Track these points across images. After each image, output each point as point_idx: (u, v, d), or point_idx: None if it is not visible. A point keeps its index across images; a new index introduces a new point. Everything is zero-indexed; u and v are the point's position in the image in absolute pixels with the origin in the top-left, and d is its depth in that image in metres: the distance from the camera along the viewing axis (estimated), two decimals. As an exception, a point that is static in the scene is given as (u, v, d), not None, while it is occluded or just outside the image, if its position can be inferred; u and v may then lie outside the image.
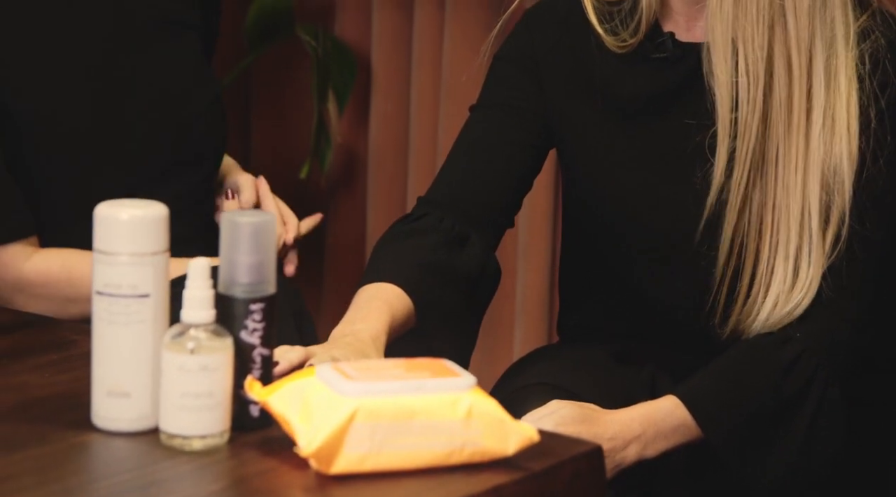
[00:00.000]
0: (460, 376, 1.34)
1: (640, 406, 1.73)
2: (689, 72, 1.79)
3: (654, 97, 1.81)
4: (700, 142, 1.77)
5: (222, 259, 1.38)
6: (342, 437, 1.28)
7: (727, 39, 1.72)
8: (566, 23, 1.85)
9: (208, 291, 1.33)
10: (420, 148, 2.87)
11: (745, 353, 1.76)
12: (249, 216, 1.38)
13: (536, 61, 1.85)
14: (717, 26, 1.72)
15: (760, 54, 1.71)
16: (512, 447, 1.33)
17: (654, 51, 1.80)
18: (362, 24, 2.94)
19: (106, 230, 1.36)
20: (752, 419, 1.73)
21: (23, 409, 1.41)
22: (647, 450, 1.71)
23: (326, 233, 2.99)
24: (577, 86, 1.84)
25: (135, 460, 1.32)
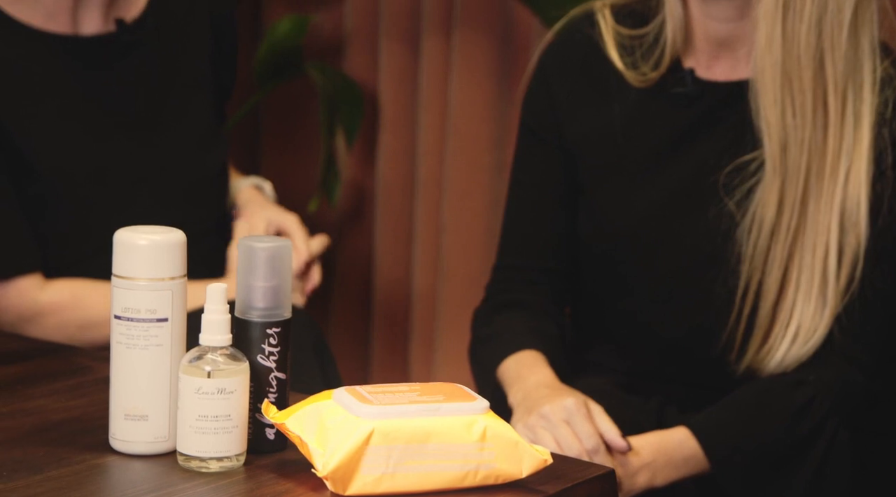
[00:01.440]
0: (475, 400, 1.36)
1: (652, 434, 1.74)
2: (707, 110, 1.80)
3: (671, 135, 1.82)
4: (714, 181, 1.78)
5: (239, 283, 1.40)
6: (358, 458, 1.30)
7: (777, 82, 1.73)
8: (584, 64, 1.86)
9: (225, 315, 1.35)
10: (427, 183, 2.89)
11: (759, 393, 1.77)
12: (266, 241, 1.40)
13: (555, 110, 1.88)
14: (766, 68, 1.73)
15: (808, 97, 1.73)
16: (526, 470, 1.34)
17: (674, 85, 1.82)
18: (370, 60, 2.97)
19: (125, 255, 1.38)
20: (761, 457, 1.74)
21: (40, 432, 1.42)
22: (657, 478, 1.72)
23: (334, 267, 3.00)
24: (596, 128, 1.85)
25: (153, 482, 1.33)
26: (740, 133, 1.79)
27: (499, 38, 2.80)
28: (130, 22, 2.04)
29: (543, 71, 1.89)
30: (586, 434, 1.65)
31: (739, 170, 1.78)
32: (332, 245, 3.03)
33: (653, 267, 1.82)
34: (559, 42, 1.90)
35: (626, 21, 1.85)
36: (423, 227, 2.89)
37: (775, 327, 1.76)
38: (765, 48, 1.73)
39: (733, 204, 1.78)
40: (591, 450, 1.65)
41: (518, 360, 1.83)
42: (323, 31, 3.00)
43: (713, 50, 1.82)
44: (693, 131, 1.81)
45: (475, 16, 2.81)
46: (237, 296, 1.40)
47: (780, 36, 1.72)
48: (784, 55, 1.72)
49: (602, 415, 1.69)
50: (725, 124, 1.80)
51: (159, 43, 2.06)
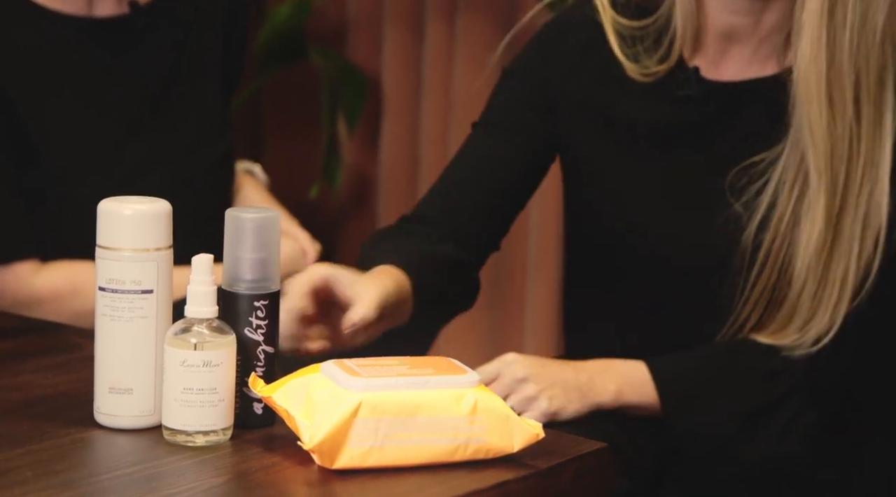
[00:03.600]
0: (466, 373, 1.33)
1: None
2: (713, 112, 1.75)
3: (676, 134, 1.77)
4: (720, 180, 1.74)
5: (226, 256, 1.37)
6: (346, 431, 1.27)
7: (822, 92, 1.67)
8: (585, 49, 1.80)
9: (211, 287, 1.33)
10: (430, 169, 2.87)
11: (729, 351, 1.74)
12: (253, 212, 1.38)
13: (550, 84, 1.81)
14: (811, 79, 1.67)
15: (850, 108, 1.68)
16: (517, 444, 1.31)
17: (679, 87, 1.76)
18: (373, 46, 2.95)
19: (109, 225, 1.36)
20: (715, 412, 1.72)
21: (24, 407, 1.40)
22: (625, 391, 1.70)
23: (336, 252, 2.98)
24: (592, 114, 1.80)
25: (136, 455, 1.30)
26: (749, 133, 1.74)
27: (503, 23, 2.78)
28: (144, 4, 2.03)
29: (543, 47, 1.84)
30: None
31: (747, 170, 1.73)
32: (334, 231, 3.01)
33: (654, 258, 1.79)
34: (561, 21, 1.85)
35: (624, 11, 1.79)
36: (427, 213, 2.86)
37: (781, 335, 1.73)
38: (809, 57, 1.67)
39: (740, 206, 1.73)
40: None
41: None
42: (326, 14, 2.98)
43: (721, 44, 1.76)
44: (699, 131, 1.76)
45: (479, 1, 2.79)
46: (224, 268, 1.37)
47: (825, 43, 1.67)
48: (828, 62, 1.67)
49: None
50: (733, 125, 1.75)
51: (172, 27, 2.04)
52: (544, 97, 1.81)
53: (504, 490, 1.27)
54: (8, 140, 1.95)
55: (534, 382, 1.69)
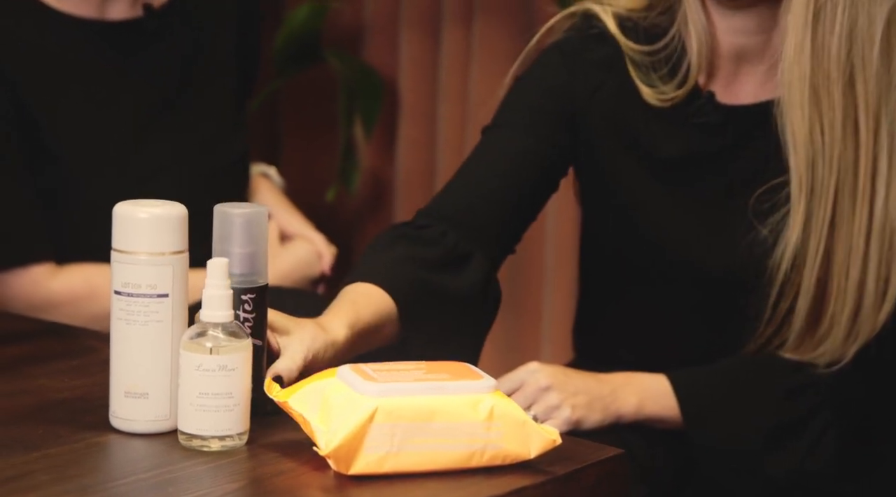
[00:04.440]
0: (482, 378, 1.32)
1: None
2: (732, 137, 1.73)
3: (694, 158, 1.75)
4: (742, 205, 1.72)
5: (215, 250, 1.38)
6: (361, 437, 1.27)
7: (805, 95, 1.65)
8: (609, 66, 1.77)
9: (227, 291, 1.32)
10: (447, 173, 2.86)
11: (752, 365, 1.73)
12: (242, 207, 1.39)
13: (574, 102, 1.77)
14: (794, 82, 1.66)
15: (838, 113, 1.66)
16: (534, 450, 1.31)
17: (696, 114, 1.74)
18: (390, 49, 2.94)
19: (124, 229, 1.35)
20: (737, 427, 1.70)
21: (40, 411, 1.40)
22: (646, 403, 1.69)
23: (352, 255, 2.98)
24: (614, 133, 1.77)
25: (152, 460, 1.30)
26: (768, 156, 1.71)
27: (520, 27, 2.77)
28: (158, 7, 2.02)
29: (566, 60, 1.78)
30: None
31: (770, 194, 1.71)
32: (350, 234, 3.00)
33: (673, 282, 1.77)
34: (582, 33, 1.79)
35: (634, 36, 1.76)
36: (443, 217, 2.86)
37: (805, 350, 1.71)
38: (793, 60, 1.65)
39: (767, 231, 1.71)
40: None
41: (353, 291, 1.60)
42: (342, 18, 2.98)
43: (732, 66, 1.74)
44: (718, 157, 1.74)
45: (496, 4, 2.78)
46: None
47: (810, 47, 1.65)
48: (813, 68, 1.65)
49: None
50: (753, 148, 1.73)
51: (185, 29, 2.04)
52: (567, 111, 1.77)
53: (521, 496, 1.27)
54: (23, 142, 1.95)
55: (557, 391, 1.68)
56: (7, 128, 1.94)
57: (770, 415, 1.70)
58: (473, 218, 1.73)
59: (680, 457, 1.73)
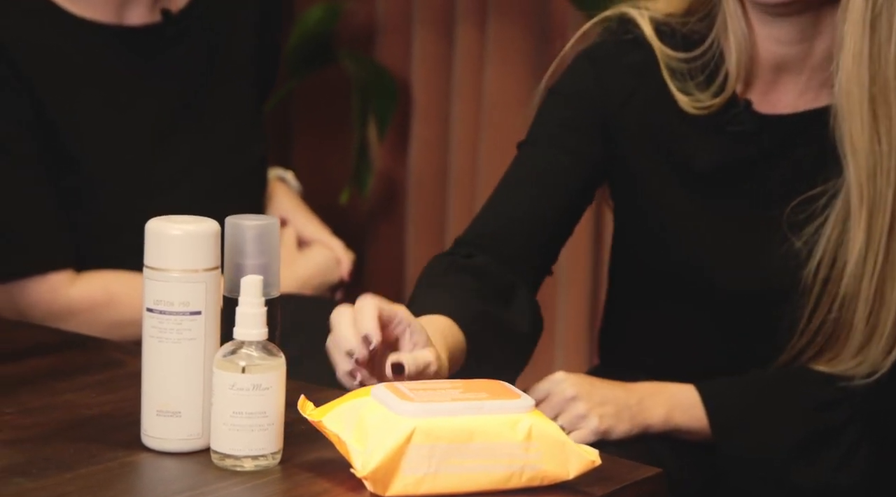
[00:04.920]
0: (520, 398, 1.31)
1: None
2: (767, 147, 1.71)
3: (729, 168, 1.72)
4: (777, 215, 1.70)
5: (227, 262, 1.37)
6: (399, 458, 1.25)
7: (865, 105, 1.63)
8: (642, 73, 1.74)
9: (261, 308, 1.31)
10: (460, 174, 2.85)
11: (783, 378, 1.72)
12: (253, 220, 1.38)
13: (605, 108, 1.75)
14: (853, 91, 1.63)
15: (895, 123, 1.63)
16: (573, 471, 1.29)
17: (732, 122, 1.72)
18: (403, 49, 2.93)
19: (157, 246, 1.34)
20: (765, 439, 1.69)
21: (72, 428, 1.38)
22: (674, 414, 1.68)
23: (366, 258, 2.96)
24: (649, 142, 1.74)
25: (186, 480, 1.28)
26: (805, 167, 1.69)
27: (534, 27, 2.75)
28: (176, 12, 2.01)
29: (596, 69, 1.76)
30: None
31: (806, 205, 1.69)
32: (362, 236, 2.99)
33: (708, 293, 1.74)
34: (612, 40, 1.76)
35: (671, 42, 1.74)
36: (456, 219, 2.84)
37: (835, 365, 1.70)
38: (852, 69, 1.63)
39: (799, 240, 1.68)
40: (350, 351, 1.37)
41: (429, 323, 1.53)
42: (355, 18, 2.96)
43: (772, 76, 1.72)
44: (754, 166, 1.72)
45: (510, 4, 2.77)
46: (225, 274, 1.37)
47: (868, 55, 1.62)
48: (872, 76, 1.63)
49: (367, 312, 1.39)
50: (788, 159, 1.71)
51: (204, 34, 2.02)
52: (599, 121, 1.75)
53: (560, 518, 1.25)
54: (43, 149, 1.93)
55: (584, 401, 1.67)
56: (27, 134, 1.93)
57: (799, 427, 1.69)
58: (511, 247, 1.71)
59: (707, 468, 1.72)
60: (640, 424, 1.69)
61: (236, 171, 2.06)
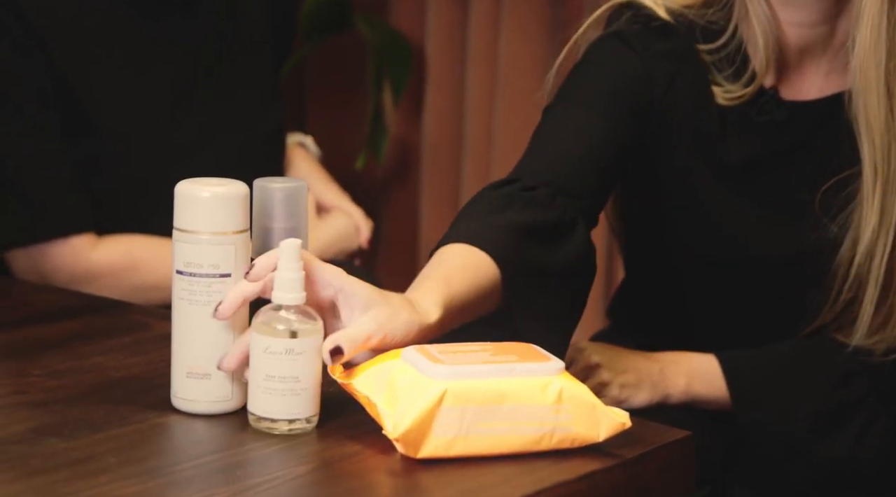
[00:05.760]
0: (550, 360, 1.31)
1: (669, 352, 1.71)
2: (797, 134, 1.70)
3: (761, 157, 1.71)
4: (808, 200, 1.69)
5: (255, 225, 1.37)
6: (430, 420, 1.25)
7: (882, 82, 1.61)
8: (682, 60, 1.71)
9: (299, 273, 1.30)
10: (474, 140, 2.84)
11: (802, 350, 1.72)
12: (281, 182, 1.37)
13: (652, 92, 1.70)
14: (871, 68, 1.61)
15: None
16: (603, 433, 1.29)
17: (759, 113, 1.70)
18: (418, 15, 2.92)
19: (186, 208, 1.33)
20: (786, 407, 1.69)
21: (100, 390, 1.38)
22: (694, 384, 1.68)
23: (380, 223, 2.96)
24: (687, 128, 1.72)
25: (217, 442, 1.29)
26: (835, 151, 1.68)
27: (550, -7, 2.75)
28: None
29: (637, 50, 1.71)
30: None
31: (837, 189, 1.68)
32: (378, 202, 2.99)
33: (735, 275, 1.74)
34: (642, 28, 1.72)
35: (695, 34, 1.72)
36: (470, 185, 2.84)
37: (858, 338, 1.69)
38: (869, 46, 1.61)
39: (837, 227, 1.67)
40: None
41: (448, 253, 1.47)
42: (371, -17, 2.95)
43: (796, 60, 1.70)
44: (785, 154, 1.71)
45: (525, -31, 2.76)
46: (253, 237, 1.37)
47: (886, 32, 1.61)
48: (889, 51, 1.61)
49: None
50: (818, 144, 1.70)
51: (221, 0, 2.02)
52: (643, 101, 1.70)
53: (591, 481, 1.25)
54: (61, 114, 1.93)
55: (606, 369, 1.67)
56: (45, 100, 1.92)
57: (819, 400, 1.69)
58: (572, 183, 1.61)
59: (727, 436, 1.72)
60: (660, 393, 1.69)
61: (256, 137, 2.06)
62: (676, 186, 1.74)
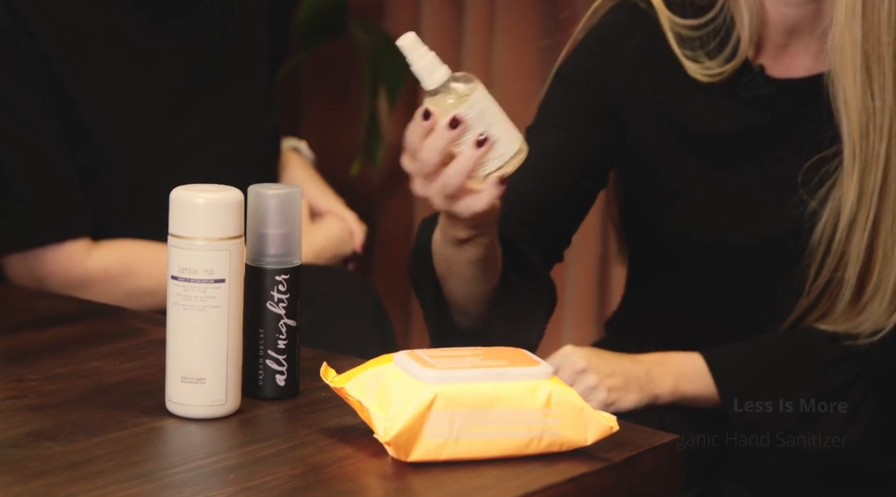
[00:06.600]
0: (539, 365, 1.33)
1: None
2: (784, 110, 1.73)
3: (745, 133, 1.74)
4: (792, 177, 1.71)
5: (249, 231, 1.39)
6: (421, 424, 1.27)
7: (857, 61, 1.65)
8: (648, 48, 1.75)
9: (430, 54, 1.45)
10: (470, 145, 2.85)
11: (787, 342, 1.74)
12: (275, 188, 1.40)
13: (610, 90, 1.75)
14: (846, 47, 1.65)
15: (889, 79, 1.65)
16: (591, 437, 1.31)
17: (745, 88, 1.73)
18: (413, 20, 2.93)
19: (181, 214, 1.35)
20: (774, 402, 1.71)
21: (96, 394, 1.40)
22: (682, 383, 1.70)
23: (376, 229, 2.98)
24: (659, 116, 1.75)
25: (211, 446, 1.31)
26: (818, 128, 1.71)
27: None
28: None
29: (605, 47, 1.76)
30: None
31: (819, 165, 1.71)
32: (374, 208, 3.00)
33: (721, 256, 1.77)
34: (622, 20, 1.77)
35: (680, 11, 1.75)
36: (465, 189, 2.85)
37: (841, 324, 1.71)
38: (844, 25, 1.64)
39: (816, 203, 1.71)
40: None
41: None
42: (366, -12, 2.97)
43: (783, 39, 1.73)
44: (769, 130, 1.74)
45: (519, -25, 2.78)
46: (247, 243, 1.39)
47: (861, 11, 1.64)
48: (865, 32, 1.64)
49: None
50: (802, 122, 1.73)
51: (218, 3, 2.03)
52: (605, 102, 1.75)
53: (580, 484, 1.27)
54: (60, 116, 1.94)
55: (593, 373, 1.69)
56: (43, 102, 1.94)
57: (806, 389, 1.71)
58: (524, 220, 1.69)
59: (716, 434, 1.74)
60: (648, 395, 1.71)
61: (251, 140, 2.08)
62: (657, 172, 1.77)
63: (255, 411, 1.37)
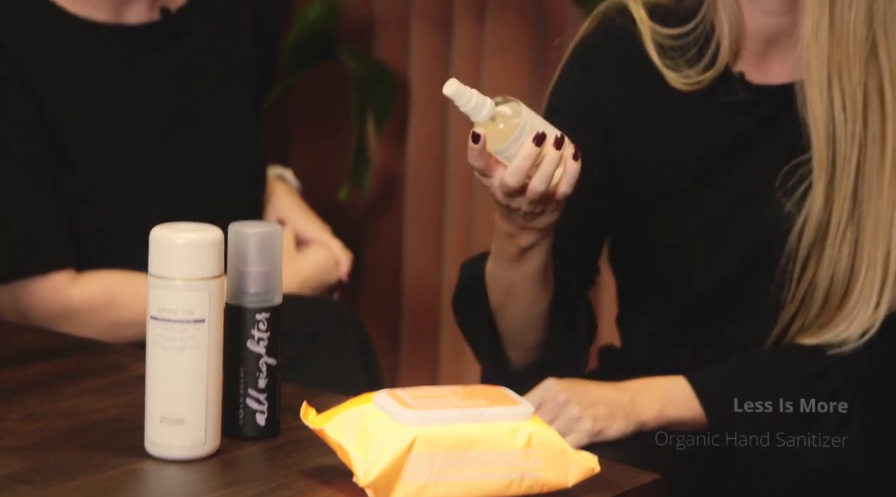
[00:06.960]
0: (519, 404, 1.32)
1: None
2: (763, 116, 1.74)
3: (726, 141, 1.75)
4: (771, 182, 1.73)
5: (230, 269, 1.39)
6: (400, 467, 1.26)
7: (823, 74, 1.68)
8: (627, 63, 1.77)
9: (475, 92, 1.53)
10: (458, 170, 2.86)
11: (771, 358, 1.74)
12: (256, 227, 1.40)
13: (597, 109, 1.77)
14: (812, 60, 1.68)
15: (858, 89, 1.67)
16: (572, 478, 1.31)
17: (725, 94, 1.75)
18: (401, 45, 2.93)
19: (161, 254, 1.35)
20: (761, 421, 1.71)
21: (76, 434, 1.39)
22: (667, 408, 1.70)
23: (364, 254, 2.97)
24: (641, 127, 1.77)
25: (190, 488, 1.30)
26: (796, 134, 1.73)
27: (532, 20, 2.76)
28: (175, 11, 2.02)
29: (585, 66, 1.79)
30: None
31: (796, 170, 1.73)
32: (361, 233, 3.00)
33: (705, 269, 1.77)
34: (600, 37, 1.79)
35: (662, 20, 1.76)
36: (455, 215, 2.85)
37: (826, 331, 1.72)
38: (811, 38, 1.67)
39: (791, 205, 1.72)
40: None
41: None
42: (354, 14, 2.97)
43: (762, 48, 1.75)
44: (749, 136, 1.75)
45: (508, 0, 2.78)
46: (227, 282, 1.38)
47: (828, 26, 1.67)
48: (832, 46, 1.67)
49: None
50: (781, 128, 1.74)
51: (204, 33, 2.03)
52: (596, 123, 1.77)
53: (560, 526, 1.27)
54: (44, 148, 1.94)
55: (576, 404, 1.68)
56: (28, 133, 1.94)
57: (792, 405, 1.71)
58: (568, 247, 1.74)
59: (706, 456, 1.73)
60: (634, 422, 1.70)
61: (236, 170, 2.08)
62: (639, 182, 1.78)
63: (235, 452, 1.36)
